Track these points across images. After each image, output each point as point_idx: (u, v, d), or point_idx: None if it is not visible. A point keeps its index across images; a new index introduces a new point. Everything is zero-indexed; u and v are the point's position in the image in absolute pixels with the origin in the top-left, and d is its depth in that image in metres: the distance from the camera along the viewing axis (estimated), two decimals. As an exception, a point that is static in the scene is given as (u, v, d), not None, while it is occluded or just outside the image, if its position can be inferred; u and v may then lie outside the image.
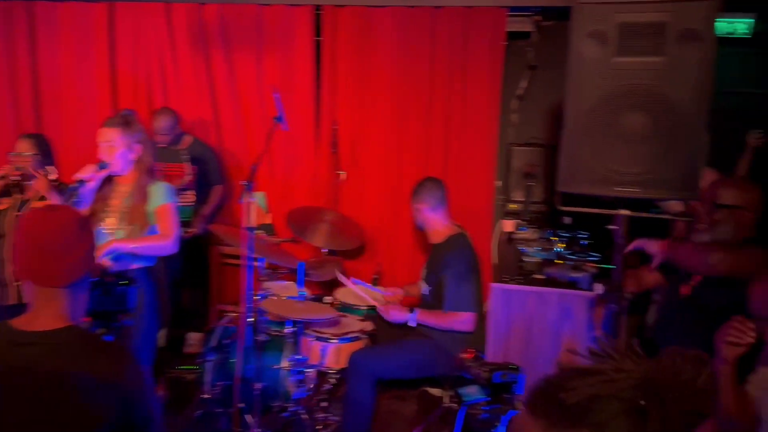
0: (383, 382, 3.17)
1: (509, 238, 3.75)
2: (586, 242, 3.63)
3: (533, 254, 3.32)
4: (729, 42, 4.28)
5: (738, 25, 4.07)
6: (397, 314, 3.08)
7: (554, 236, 3.76)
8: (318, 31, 4.24)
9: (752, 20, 4.03)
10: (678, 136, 1.93)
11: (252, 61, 4.29)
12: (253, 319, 3.23)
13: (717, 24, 4.11)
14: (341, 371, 3.11)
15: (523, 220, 4.08)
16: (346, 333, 3.14)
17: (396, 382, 3.12)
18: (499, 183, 4.47)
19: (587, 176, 2.06)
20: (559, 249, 3.49)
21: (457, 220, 4.27)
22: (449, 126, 4.23)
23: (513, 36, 4.22)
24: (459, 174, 4.28)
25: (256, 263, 3.26)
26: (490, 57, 4.13)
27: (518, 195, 4.18)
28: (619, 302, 2.18)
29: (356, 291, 3.55)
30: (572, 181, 2.11)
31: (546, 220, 4.14)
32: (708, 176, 3.45)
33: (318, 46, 4.25)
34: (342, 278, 3.57)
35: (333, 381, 3.16)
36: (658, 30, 1.90)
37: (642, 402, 0.71)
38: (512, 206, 4.29)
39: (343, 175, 4.21)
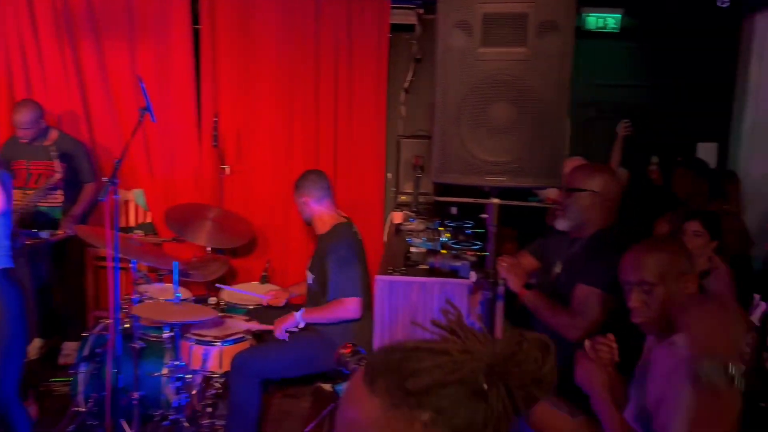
0: (273, 381, 3.09)
1: (397, 230, 3.76)
2: (471, 231, 3.71)
3: (420, 245, 3.34)
4: (600, 36, 4.51)
5: (608, 20, 4.28)
6: (284, 325, 2.99)
7: (441, 227, 3.81)
8: (196, 19, 4.06)
9: (620, 15, 4.25)
10: (542, 126, 1.97)
11: (124, 49, 4.04)
12: (127, 325, 3.06)
13: (587, 19, 4.36)
14: (226, 374, 2.99)
15: (413, 212, 4.12)
16: (230, 335, 3.02)
17: (290, 380, 3.05)
18: (390, 175, 4.49)
19: (458, 166, 2.07)
20: (444, 239, 3.54)
21: (349, 212, 4.24)
22: (338, 118, 4.19)
23: (398, 29, 4.23)
24: (349, 166, 4.26)
25: (128, 265, 3.09)
26: (375, 49, 4.12)
27: (408, 187, 4.22)
28: (492, 289, 2.21)
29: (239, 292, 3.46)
30: (445, 172, 2.11)
31: (434, 210, 4.19)
32: (575, 164, 3.64)
33: (197, 34, 4.07)
34: (220, 286, 3.47)
35: (218, 385, 3.03)
36: (520, 21, 1.92)
37: (485, 386, 0.70)
38: (403, 198, 4.32)
39: (227, 169, 4.06)
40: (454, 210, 4.12)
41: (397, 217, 3.91)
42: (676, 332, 1.70)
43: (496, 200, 2.19)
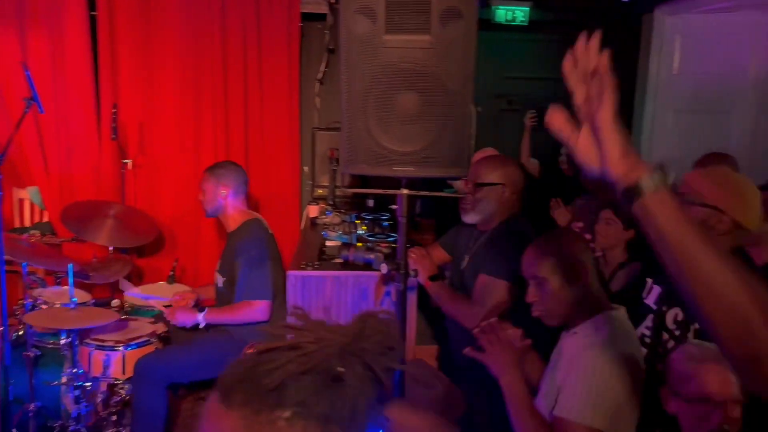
0: (182, 385, 2.95)
1: (312, 224, 3.69)
2: (387, 224, 3.69)
3: (335, 238, 3.28)
4: (509, 29, 4.59)
5: (517, 13, 4.36)
6: (183, 317, 2.87)
7: (358, 219, 3.77)
8: (93, 5, 3.81)
9: (528, 8, 4.34)
10: (448, 115, 1.95)
11: (13, 36, 3.73)
12: (21, 332, 2.85)
13: (497, 11, 4.42)
14: (131, 380, 2.83)
15: (329, 205, 4.05)
16: (134, 338, 2.86)
17: (201, 382, 2.92)
18: (306, 168, 4.40)
19: (366, 157, 2.02)
20: (361, 232, 3.49)
21: (264, 207, 4.13)
22: (249, 110, 4.06)
23: (310, 18, 4.15)
24: (263, 160, 4.14)
25: (20, 269, 2.87)
26: (286, 39, 4.02)
27: (325, 179, 4.15)
28: (403, 280, 2.18)
29: (141, 297, 3.28)
30: (353, 163, 2.05)
31: (352, 203, 4.15)
32: (486, 155, 3.68)
33: (94, 21, 3.83)
34: (124, 285, 3.27)
35: (123, 392, 2.86)
36: (423, 8, 1.89)
37: (340, 369, 0.71)
38: (320, 191, 4.25)
39: (129, 163, 3.85)
40: (370, 202, 4.10)
41: (313, 210, 3.84)
42: (577, 323, 1.73)
43: (405, 191, 2.16)
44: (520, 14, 4.36)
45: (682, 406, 1.48)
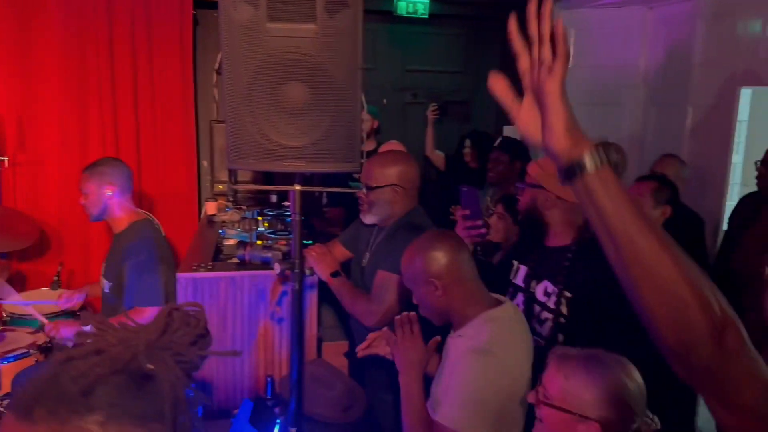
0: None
1: (209, 221, 3.54)
2: (290, 220, 3.59)
3: (233, 236, 3.16)
4: (411, 22, 4.58)
5: (418, 6, 4.35)
6: (68, 332, 2.66)
7: (260, 216, 3.64)
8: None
9: (428, 1, 4.34)
10: (337, 108, 1.88)
11: None
12: None
13: (398, 3, 4.40)
14: (7, 396, 2.60)
15: (229, 201, 3.90)
16: (11, 351, 2.63)
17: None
18: (206, 163, 4.23)
19: (253, 151, 1.92)
20: (262, 229, 3.38)
21: (160, 206, 3.92)
22: (139, 104, 3.84)
23: (205, 5, 3.96)
24: (157, 156, 3.93)
25: None
26: (178, 27, 3.82)
27: (224, 174, 3.99)
28: (298, 279, 2.11)
29: (21, 305, 3.03)
30: (239, 157, 1.95)
31: (255, 199, 4.02)
32: (392, 147, 3.66)
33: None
34: (3, 291, 3.01)
35: (1, 409, 2.62)
36: (307, -4, 1.81)
37: (149, 366, 0.70)
38: (220, 187, 4.08)
39: (5, 161, 3.55)
40: (274, 197, 3.98)
41: (211, 207, 3.68)
42: (460, 325, 1.71)
43: (297, 187, 2.08)
44: (421, 6, 4.36)
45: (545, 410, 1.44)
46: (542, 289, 1.99)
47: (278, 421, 2.14)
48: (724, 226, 3.49)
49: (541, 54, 0.91)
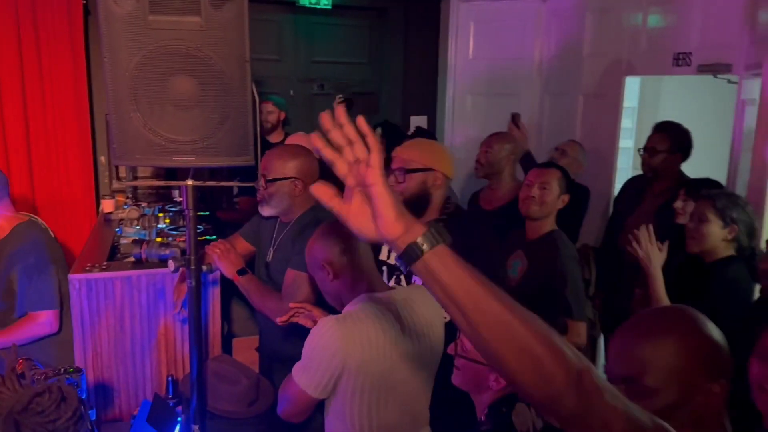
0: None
1: (106, 219, 3.41)
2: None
3: (131, 235, 3.06)
4: (315, 12, 4.57)
5: (321, -4, 4.35)
6: None
7: (162, 212, 3.54)
8: None
9: (330, -8, 4.35)
10: (226, 101, 1.87)
11: None
12: None
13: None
14: None
15: (128, 198, 3.77)
16: None
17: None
18: (104, 159, 4.07)
19: (140, 147, 1.88)
20: (162, 225, 3.29)
21: (53, 206, 3.74)
22: (28, 100, 3.64)
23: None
24: (48, 153, 3.75)
25: None
26: (67, 18, 3.64)
27: (124, 171, 3.85)
28: (194, 276, 2.08)
29: None
30: (126, 153, 1.90)
31: (157, 195, 3.90)
32: (299, 138, 3.65)
33: None
34: None
35: None
36: (190, -13, 1.78)
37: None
38: (119, 184, 3.94)
39: None
40: (176, 193, 3.88)
41: (108, 205, 3.55)
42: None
43: (190, 182, 2.05)
44: (324, -2, 4.36)
45: None
46: None
47: (179, 419, 2.10)
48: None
49: (356, 154, 0.92)
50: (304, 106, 4.90)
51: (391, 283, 2.24)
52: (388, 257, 2.26)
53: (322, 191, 0.96)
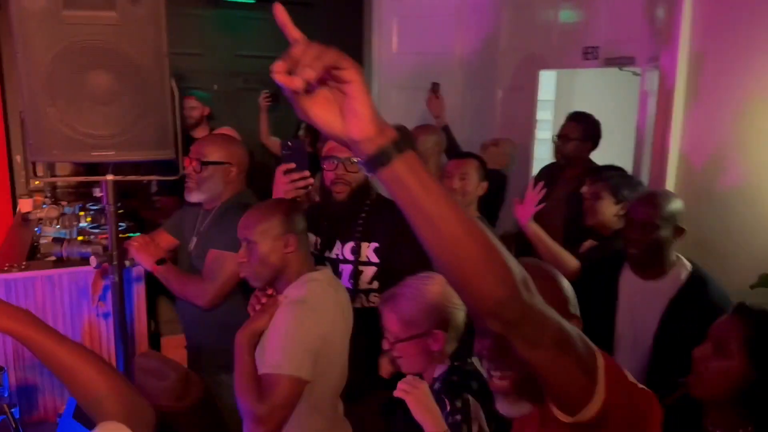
0: None
1: (24, 219, 3.31)
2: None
3: (51, 234, 2.99)
4: (237, 6, 4.55)
5: (242, -10, 4.34)
6: None
7: (82, 210, 3.47)
8: None
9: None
10: (145, 95, 1.89)
11: None
12: None
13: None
14: None
15: (47, 197, 3.67)
16: None
17: None
18: (19, 157, 3.93)
19: (58, 142, 1.87)
20: (84, 224, 3.23)
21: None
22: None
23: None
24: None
25: None
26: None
27: (41, 169, 3.73)
28: (117, 272, 2.08)
29: None
30: (43, 149, 1.88)
31: (77, 193, 3.81)
32: (225, 133, 3.64)
33: None
34: None
35: None
36: (105, -17, 1.78)
37: None
38: (37, 182, 3.83)
39: None
40: (97, 191, 3.80)
41: (26, 204, 3.45)
42: (284, 287, 1.82)
43: (110, 177, 2.05)
44: (245, -9, 4.35)
45: None
46: (349, 248, 2.22)
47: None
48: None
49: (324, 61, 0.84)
50: (229, 101, 4.87)
51: None
52: (314, 249, 2.29)
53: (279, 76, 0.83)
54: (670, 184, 2.75)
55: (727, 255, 2.45)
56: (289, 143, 2.10)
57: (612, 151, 3.67)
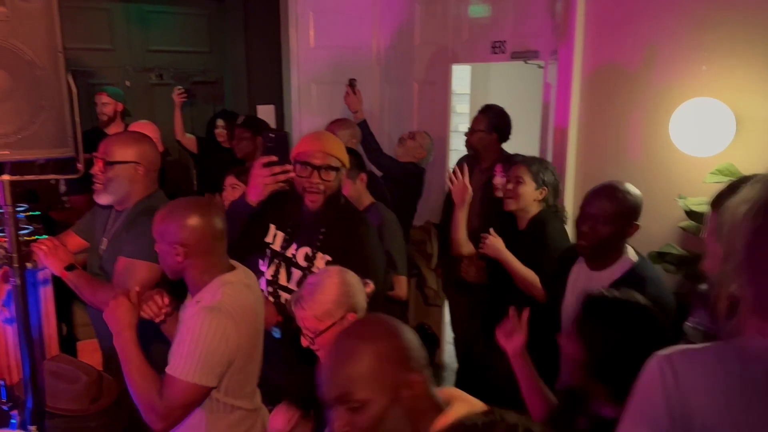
0: None
1: None
2: (23, 215, 3.32)
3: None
4: (151, 1, 4.45)
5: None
6: None
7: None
8: None
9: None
10: (40, 92, 1.84)
11: None
12: None
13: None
14: None
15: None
16: None
17: None
18: None
19: (-51, 142, 1.80)
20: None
21: None
22: None
23: None
24: None
25: None
26: None
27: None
28: (19, 275, 2.02)
29: None
30: (-67, 150, 1.81)
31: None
32: (142, 126, 3.56)
33: None
34: None
35: None
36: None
37: None
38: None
39: None
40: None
41: None
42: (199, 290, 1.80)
43: (6, 177, 1.99)
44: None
45: None
46: (303, 254, 2.19)
47: (13, 422, 2.05)
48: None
49: None
50: (144, 97, 4.76)
51: (271, 270, 2.26)
52: (273, 242, 2.27)
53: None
54: (570, 168, 2.90)
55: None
56: (272, 134, 2.02)
57: (524, 140, 3.84)
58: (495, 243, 2.57)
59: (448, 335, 4.32)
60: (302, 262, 2.20)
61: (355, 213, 2.35)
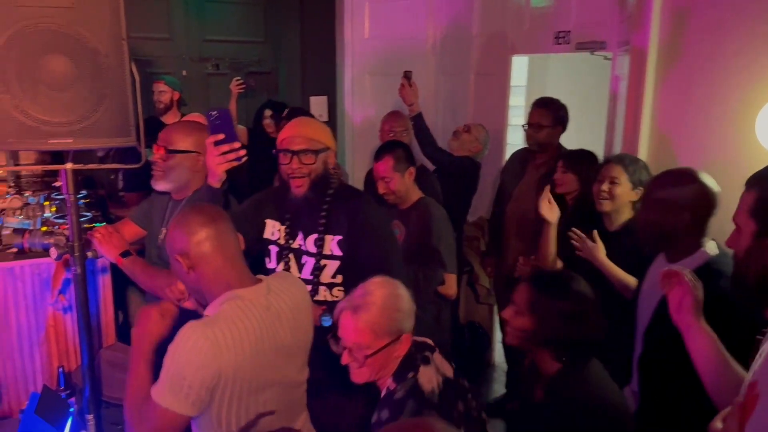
0: None
1: (-16, 210, 3.21)
2: (83, 202, 3.37)
3: (13, 225, 2.90)
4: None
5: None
6: None
7: (48, 200, 3.38)
8: None
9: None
10: (103, 80, 1.83)
11: None
12: None
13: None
14: None
15: (11, 187, 3.56)
16: None
17: None
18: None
19: (11, 130, 1.80)
20: (48, 214, 3.15)
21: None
22: None
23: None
24: None
25: None
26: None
27: (3, 158, 3.63)
28: (79, 263, 2.02)
29: None
30: (-3, 138, 1.81)
31: (42, 182, 3.70)
32: (195, 119, 3.57)
33: None
34: None
35: None
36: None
37: None
38: (1, 172, 3.71)
39: None
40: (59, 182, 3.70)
41: (-15, 195, 3.33)
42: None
43: (69, 165, 1.98)
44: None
45: None
46: (311, 241, 2.14)
47: (71, 410, 2.05)
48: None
49: None
50: (200, 87, 4.79)
51: (281, 265, 2.19)
52: (275, 236, 2.22)
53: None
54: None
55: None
56: (214, 113, 1.87)
57: (584, 135, 3.68)
58: (594, 248, 2.42)
59: (498, 335, 4.22)
60: (312, 249, 2.14)
61: (351, 189, 2.32)
